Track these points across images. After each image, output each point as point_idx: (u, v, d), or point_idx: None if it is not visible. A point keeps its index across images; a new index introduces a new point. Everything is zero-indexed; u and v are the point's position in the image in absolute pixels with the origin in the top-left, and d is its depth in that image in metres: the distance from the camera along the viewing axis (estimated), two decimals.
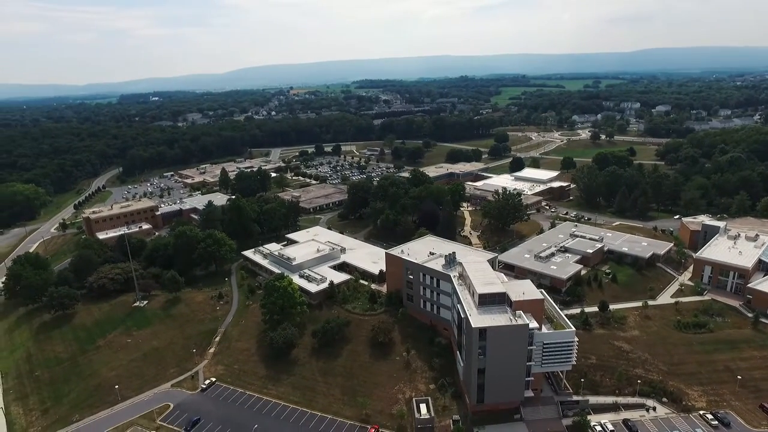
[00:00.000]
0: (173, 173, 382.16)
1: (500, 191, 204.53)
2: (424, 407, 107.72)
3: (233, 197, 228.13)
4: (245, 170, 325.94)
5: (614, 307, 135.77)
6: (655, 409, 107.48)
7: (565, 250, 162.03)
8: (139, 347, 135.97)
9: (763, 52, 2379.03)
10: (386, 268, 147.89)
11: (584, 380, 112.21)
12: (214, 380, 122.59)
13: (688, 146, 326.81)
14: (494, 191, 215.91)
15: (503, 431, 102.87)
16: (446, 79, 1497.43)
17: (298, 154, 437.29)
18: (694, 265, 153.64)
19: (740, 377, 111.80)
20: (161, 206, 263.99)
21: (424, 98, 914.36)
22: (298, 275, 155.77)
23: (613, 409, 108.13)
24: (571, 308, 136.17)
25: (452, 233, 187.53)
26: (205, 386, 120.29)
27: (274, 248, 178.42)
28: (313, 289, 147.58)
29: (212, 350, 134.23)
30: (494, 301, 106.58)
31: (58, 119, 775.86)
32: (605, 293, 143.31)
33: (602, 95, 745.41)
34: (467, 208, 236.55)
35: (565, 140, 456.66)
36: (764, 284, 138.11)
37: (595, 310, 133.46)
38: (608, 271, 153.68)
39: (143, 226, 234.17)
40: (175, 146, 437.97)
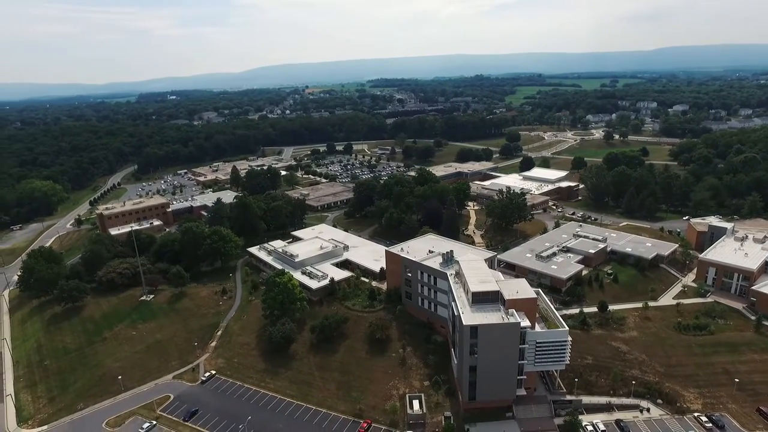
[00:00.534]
0: (187, 171, 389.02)
1: (504, 190, 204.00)
2: (416, 403, 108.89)
3: (239, 194, 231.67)
4: (256, 168, 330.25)
5: (614, 307, 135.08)
6: (649, 410, 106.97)
7: (567, 250, 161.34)
8: (143, 340, 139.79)
9: None
10: (386, 265, 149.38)
11: (579, 380, 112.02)
12: (214, 373, 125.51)
13: (702, 146, 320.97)
14: (498, 190, 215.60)
15: (494, 429, 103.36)
16: (461, 78, 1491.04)
17: (309, 152, 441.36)
18: (697, 266, 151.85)
19: (738, 380, 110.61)
20: (172, 203, 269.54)
21: (438, 97, 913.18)
22: (300, 272, 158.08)
23: (606, 409, 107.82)
24: (570, 308, 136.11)
25: (455, 232, 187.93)
26: (205, 378, 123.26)
27: (278, 245, 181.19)
28: (314, 285, 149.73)
29: (213, 344, 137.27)
30: (487, 299, 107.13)
31: (78, 118, 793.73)
32: (606, 294, 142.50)
33: (618, 94, 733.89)
34: (473, 207, 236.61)
35: (578, 140, 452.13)
36: None
37: (594, 310, 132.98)
38: (610, 271, 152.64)
39: (154, 222, 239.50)
40: (189, 144, 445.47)
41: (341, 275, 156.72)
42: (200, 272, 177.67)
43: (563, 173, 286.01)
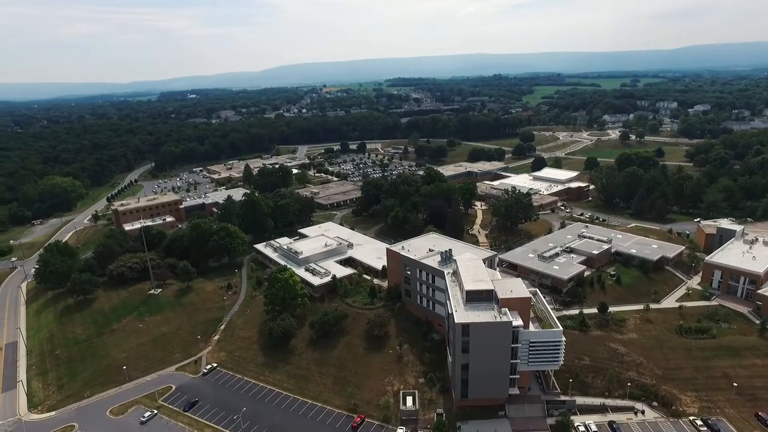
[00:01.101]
0: (202, 168, 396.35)
1: (510, 190, 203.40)
2: (410, 400, 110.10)
3: (247, 192, 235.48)
4: (269, 166, 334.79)
5: (615, 309, 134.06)
6: (643, 412, 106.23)
7: (570, 250, 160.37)
8: (149, 332, 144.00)
9: None
10: (387, 263, 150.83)
11: (575, 381, 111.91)
12: (215, 365, 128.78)
13: (719, 147, 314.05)
14: (504, 190, 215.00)
15: (486, 427, 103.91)
16: (479, 77, 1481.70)
17: (323, 151, 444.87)
18: (703, 269, 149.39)
19: (737, 384, 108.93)
20: (186, 200, 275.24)
21: (454, 97, 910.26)
22: (304, 269, 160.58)
23: (600, 410, 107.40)
24: (570, 309, 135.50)
25: (460, 231, 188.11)
26: (206, 371, 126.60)
27: (284, 242, 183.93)
28: (316, 282, 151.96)
29: (216, 337, 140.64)
30: (481, 298, 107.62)
31: (101, 116, 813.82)
32: (608, 295, 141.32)
33: (637, 94, 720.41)
34: (480, 207, 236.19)
35: (593, 140, 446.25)
36: None
37: (594, 311, 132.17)
38: (613, 272, 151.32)
39: (167, 218, 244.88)
40: (205, 142, 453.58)
41: (344, 272, 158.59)
42: (208, 267, 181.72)
43: (574, 174, 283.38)
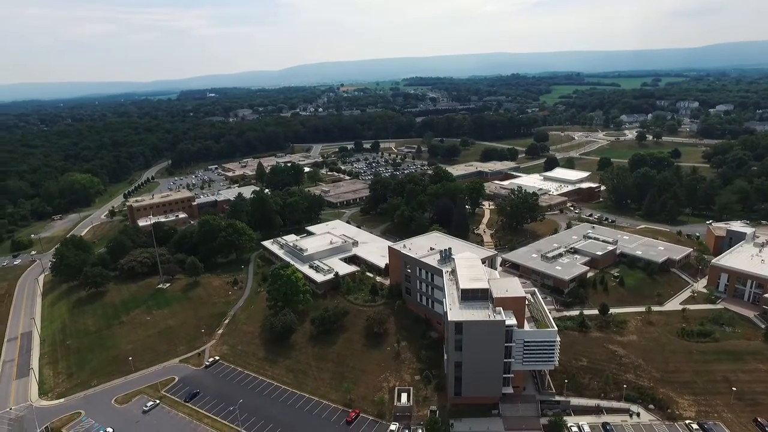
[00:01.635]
0: (217, 166, 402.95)
1: (516, 190, 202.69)
2: (405, 396, 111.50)
3: (256, 189, 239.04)
4: (281, 165, 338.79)
5: (617, 310, 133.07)
6: (639, 415, 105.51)
7: (574, 251, 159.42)
8: (156, 325, 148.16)
9: None
10: (389, 261, 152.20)
11: (571, 382, 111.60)
12: (217, 358, 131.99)
13: (738, 148, 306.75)
14: (511, 190, 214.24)
15: (479, 425, 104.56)
16: (497, 76, 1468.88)
17: (337, 150, 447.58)
18: (709, 272, 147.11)
19: (735, 389, 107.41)
20: (199, 197, 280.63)
21: (471, 96, 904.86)
22: (308, 265, 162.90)
23: (595, 412, 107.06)
24: (571, 309, 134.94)
25: (465, 231, 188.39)
26: (208, 363, 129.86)
27: (290, 239, 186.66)
28: (319, 279, 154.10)
29: (220, 331, 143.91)
30: (476, 296, 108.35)
31: (122, 114, 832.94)
32: (610, 296, 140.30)
33: (657, 94, 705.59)
34: (489, 206, 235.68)
35: (609, 141, 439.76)
36: None
37: (595, 312, 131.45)
38: (617, 274, 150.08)
39: (180, 215, 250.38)
40: (221, 141, 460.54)
41: (347, 270, 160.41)
42: (216, 263, 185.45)
43: (585, 174, 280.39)
